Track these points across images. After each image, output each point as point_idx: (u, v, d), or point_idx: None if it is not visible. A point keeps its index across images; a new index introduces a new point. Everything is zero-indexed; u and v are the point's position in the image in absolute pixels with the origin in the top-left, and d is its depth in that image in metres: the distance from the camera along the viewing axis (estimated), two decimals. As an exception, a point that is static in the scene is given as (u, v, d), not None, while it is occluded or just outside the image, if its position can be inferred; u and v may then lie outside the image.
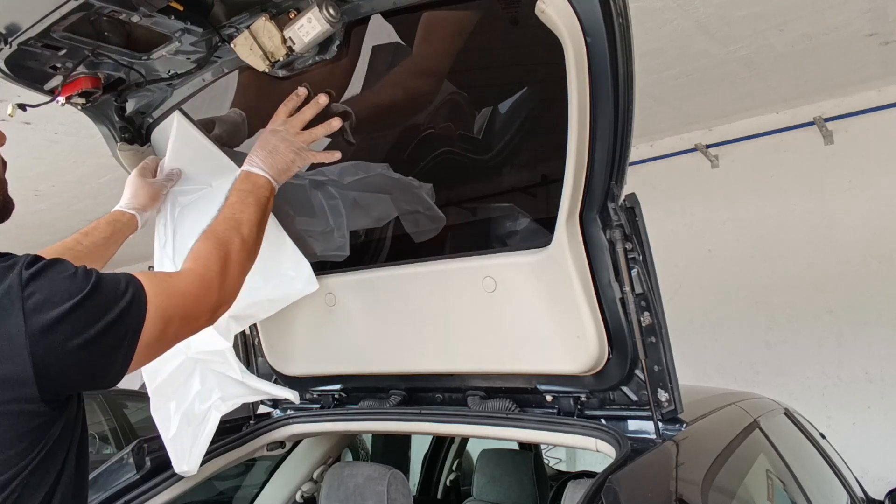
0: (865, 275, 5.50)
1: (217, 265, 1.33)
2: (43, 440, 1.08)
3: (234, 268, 1.36)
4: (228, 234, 1.40)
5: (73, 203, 7.14)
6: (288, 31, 1.47)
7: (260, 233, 1.48)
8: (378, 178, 1.87)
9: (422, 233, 1.96)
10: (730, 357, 6.08)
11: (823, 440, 2.97)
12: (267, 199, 1.53)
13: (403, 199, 1.92)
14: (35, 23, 1.41)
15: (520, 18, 1.54)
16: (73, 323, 1.05)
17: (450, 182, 2.01)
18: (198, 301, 1.27)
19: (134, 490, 1.87)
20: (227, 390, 1.85)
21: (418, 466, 4.03)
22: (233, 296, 1.37)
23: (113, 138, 1.92)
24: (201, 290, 1.28)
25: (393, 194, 1.91)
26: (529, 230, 1.86)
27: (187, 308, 1.24)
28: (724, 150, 6.25)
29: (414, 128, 1.94)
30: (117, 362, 1.12)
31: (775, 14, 4.23)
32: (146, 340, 1.15)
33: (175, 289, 1.24)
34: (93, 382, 1.13)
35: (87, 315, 1.07)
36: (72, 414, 1.15)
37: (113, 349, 1.11)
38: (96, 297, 1.08)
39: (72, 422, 1.15)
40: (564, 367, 1.74)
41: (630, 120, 1.45)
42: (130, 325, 1.12)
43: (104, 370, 1.12)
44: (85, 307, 1.07)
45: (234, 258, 1.37)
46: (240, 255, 1.39)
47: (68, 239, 1.64)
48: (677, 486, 1.46)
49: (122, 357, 1.12)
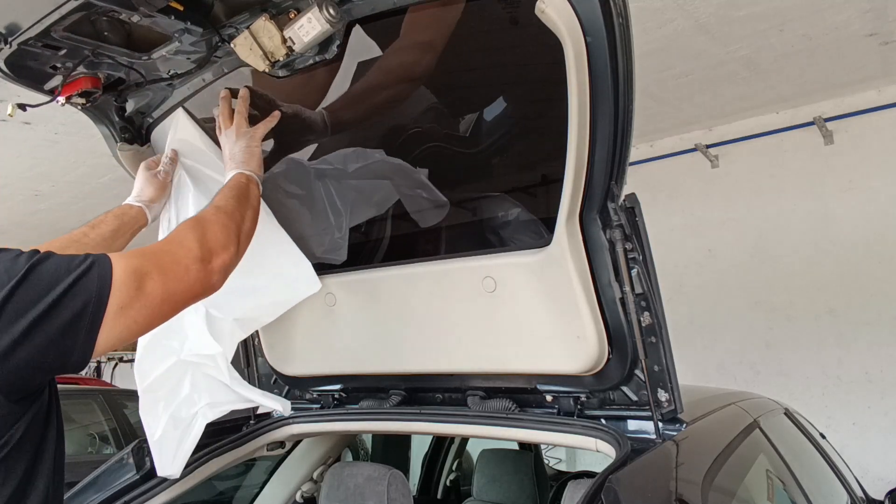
0: (865, 275, 5.50)
1: (190, 224, 1.37)
2: (3, 437, 1.04)
3: (213, 226, 1.37)
4: (204, 210, 1.45)
5: (73, 203, 7.14)
6: (288, 31, 1.47)
7: (241, 203, 1.52)
8: (379, 164, 1.88)
9: (425, 215, 1.95)
10: (730, 357, 6.08)
11: (823, 440, 2.97)
12: (245, 184, 1.58)
13: (404, 184, 1.92)
14: (35, 23, 1.41)
15: (520, 18, 1.54)
16: (15, 305, 1.02)
17: (449, 182, 2.01)
18: (172, 252, 1.26)
19: (134, 490, 1.87)
20: (216, 396, 1.82)
21: (418, 466, 4.03)
22: (218, 245, 1.35)
23: (113, 138, 1.93)
24: (173, 244, 1.29)
25: (394, 179, 1.92)
26: (529, 230, 1.86)
27: (162, 260, 1.22)
28: (724, 150, 6.25)
29: (412, 127, 1.94)
30: (79, 338, 1.07)
31: (775, 14, 4.23)
32: (119, 304, 1.10)
33: (146, 249, 1.25)
34: (59, 363, 1.07)
35: (28, 295, 1.03)
36: (41, 414, 1.11)
37: (70, 325, 1.06)
38: (36, 276, 1.05)
39: (41, 421, 1.11)
40: (564, 367, 1.74)
41: (630, 120, 1.45)
42: (89, 296, 1.08)
43: (66, 349, 1.06)
44: (24, 287, 1.03)
45: (211, 219, 1.40)
46: (217, 216, 1.41)
47: (75, 231, 1.63)
48: (677, 486, 1.46)
49: (86, 331, 1.07)
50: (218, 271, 1.32)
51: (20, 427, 1.06)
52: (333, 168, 1.93)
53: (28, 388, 1.07)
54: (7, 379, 1.02)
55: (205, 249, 1.30)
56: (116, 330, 1.11)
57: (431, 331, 1.92)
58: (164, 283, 1.19)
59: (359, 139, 1.97)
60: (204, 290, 1.31)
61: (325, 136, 1.88)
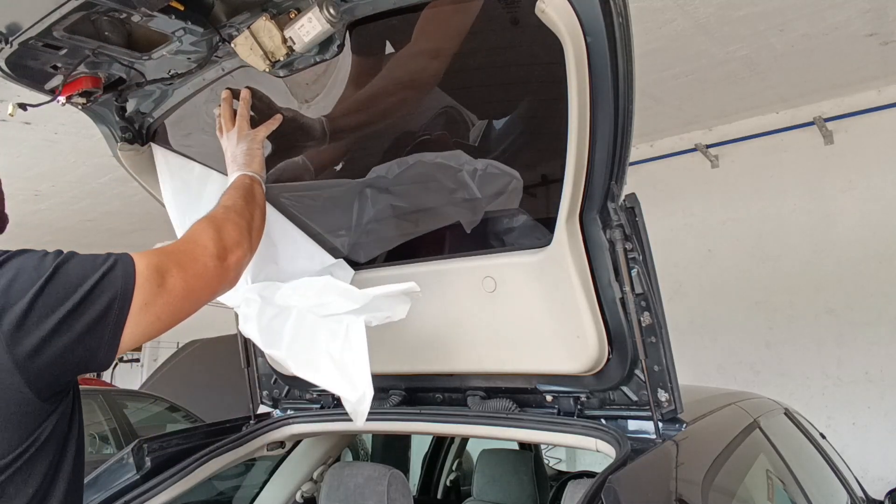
0: (865, 275, 5.50)
1: (204, 223, 1.41)
2: (33, 435, 1.06)
3: (226, 224, 1.42)
4: (214, 211, 1.49)
5: (73, 203, 7.15)
6: (288, 30, 1.48)
7: (248, 202, 1.55)
8: (418, 165, 1.83)
9: (467, 220, 1.89)
10: (730, 357, 6.08)
11: (823, 440, 2.97)
12: (249, 185, 1.61)
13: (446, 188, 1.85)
14: (36, 22, 1.41)
15: (520, 18, 1.54)
16: (45, 302, 1.04)
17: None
18: (190, 250, 1.31)
19: (134, 490, 1.87)
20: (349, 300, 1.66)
21: (418, 466, 4.03)
22: (232, 242, 1.39)
23: (113, 138, 1.93)
24: (189, 243, 1.34)
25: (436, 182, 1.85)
26: (529, 230, 1.86)
27: (181, 258, 1.27)
28: (724, 150, 6.25)
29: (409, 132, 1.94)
30: (105, 334, 1.10)
31: (775, 14, 4.23)
32: (143, 300, 1.14)
33: (164, 248, 1.29)
34: (87, 360, 1.10)
35: (57, 292, 1.06)
36: (66, 414, 1.13)
37: (97, 321, 1.09)
38: (63, 274, 1.07)
39: (66, 421, 1.13)
40: (564, 367, 1.74)
41: (630, 120, 1.45)
42: (115, 292, 1.11)
43: (93, 345, 1.09)
44: (53, 285, 1.06)
45: (223, 217, 1.44)
46: (228, 214, 1.46)
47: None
48: (677, 486, 1.46)
49: (112, 328, 1.10)
50: (233, 267, 1.37)
51: (48, 426, 1.09)
52: (377, 177, 1.89)
53: (56, 386, 1.09)
54: (37, 376, 1.04)
55: (220, 247, 1.35)
56: (141, 326, 1.15)
57: (431, 331, 1.92)
58: (185, 280, 1.24)
59: (362, 146, 1.97)
60: (221, 286, 1.36)
61: (324, 143, 1.88)
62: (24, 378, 1.03)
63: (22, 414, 1.05)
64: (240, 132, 1.68)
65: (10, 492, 1.04)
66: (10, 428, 1.04)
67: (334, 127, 1.83)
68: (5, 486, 1.04)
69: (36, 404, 1.05)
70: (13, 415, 1.04)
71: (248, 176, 1.63)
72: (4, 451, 1.04)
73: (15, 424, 1.04)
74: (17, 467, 1.05)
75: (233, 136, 1.68)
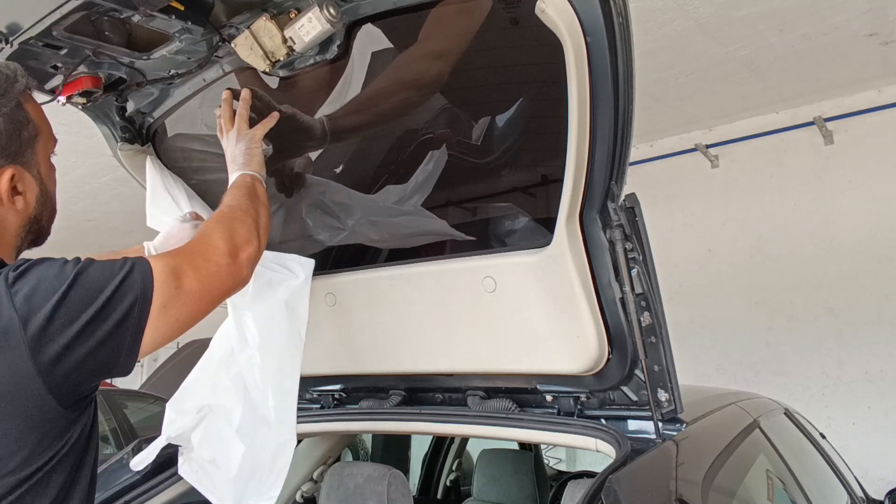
0: (865, 275, 5.50)
1: (213, 223, 1.42)
2: (53, 446, 1.07)
3: (235, 223, 1.43)
4: (220, 211, 1.50)
5: (73, 203, 7.15)
6: (288, 30, 1.48)
7: (252, 200, 1.56)
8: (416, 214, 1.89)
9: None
10: (730, 357, 6.08)
11: (823, 440, 2.97)
12: (250, 183, 1.62)
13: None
14: (36, 22, 1.41)
15: (520, 18, 1.54)
16: (67, 309, 1.05)
17: (449, 181, 2.01)
18: (202, 251, 1.32)
19: (134, 490, 1.87)
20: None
21: (418, 466, 4.03)
22: (243, 240, 1.40)
23: (113, 138, 1.93)
24: (201, 243, 1.35)
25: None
26: (529, 230, 1.86)
27: (194, 259, 1.28)
28: (724, 150, 6.25)
29: (412, 130, 1.94)
30: (126, 338, 1.11)
31: (775, 14, 4.23)
32: (162, 302, 1.15)
33: (177, 249, 1.33)
34: (109, 366, 1.11)
35: (80, 299, 1.07)
36: (88, 423, 1.14)
37: (118, 325, 1.09)
38: (84, 281, 1.08)
39: (85, 434, 1.14)
40: (564, 367, 1.74)
41: (630, 120, 1.45)
42: (135, 296, 1.12)
43: (115, 351, 1.10)
44: (75, 291, 1.06)
45: (230, 216, 1.45)
46: (234, 213, 1.47)
47: None
48: (677, 486, 1.46)
49: (133, 331, 1.11)
50: (245, 265, 1.38)
51: (69, 437, 1.09)
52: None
53: (79, 393, 1.09)
54: (59, 383, 1.04)
55: (231, 245, 1.35)
56: (161, 329, 1.15)
57: (431, 331, 1.92)
58: (200, 280, 1.24)
59: (363, 146, 1.97)
60: (235, 284, 1.37)
61: (325, 143, 1.87)
62: (46, 385, 1.03)
63: (44, 422, 1.05)
64: (239, 132, 1.68)
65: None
66: (33, 437, 1.04)
67: (335, 127, 1.83)
68: (22, 498, 1.04)
69: (58, 412, 1.06)
70: (36, 423, 1.04)
71: (248, 175, 1.63)
72: (25, 461, 1.04)
73: (37, 434, 1.05)
74: (36, 479, 1.05)
75: (232, 137, 1.68)
